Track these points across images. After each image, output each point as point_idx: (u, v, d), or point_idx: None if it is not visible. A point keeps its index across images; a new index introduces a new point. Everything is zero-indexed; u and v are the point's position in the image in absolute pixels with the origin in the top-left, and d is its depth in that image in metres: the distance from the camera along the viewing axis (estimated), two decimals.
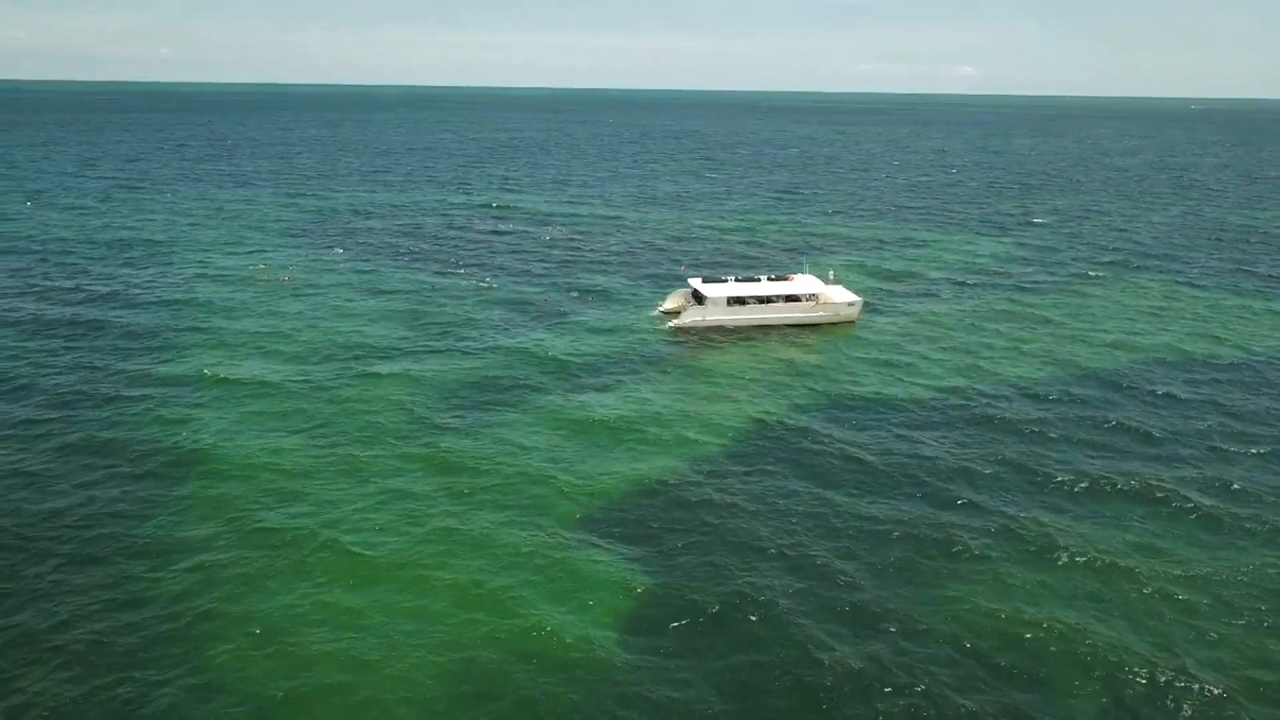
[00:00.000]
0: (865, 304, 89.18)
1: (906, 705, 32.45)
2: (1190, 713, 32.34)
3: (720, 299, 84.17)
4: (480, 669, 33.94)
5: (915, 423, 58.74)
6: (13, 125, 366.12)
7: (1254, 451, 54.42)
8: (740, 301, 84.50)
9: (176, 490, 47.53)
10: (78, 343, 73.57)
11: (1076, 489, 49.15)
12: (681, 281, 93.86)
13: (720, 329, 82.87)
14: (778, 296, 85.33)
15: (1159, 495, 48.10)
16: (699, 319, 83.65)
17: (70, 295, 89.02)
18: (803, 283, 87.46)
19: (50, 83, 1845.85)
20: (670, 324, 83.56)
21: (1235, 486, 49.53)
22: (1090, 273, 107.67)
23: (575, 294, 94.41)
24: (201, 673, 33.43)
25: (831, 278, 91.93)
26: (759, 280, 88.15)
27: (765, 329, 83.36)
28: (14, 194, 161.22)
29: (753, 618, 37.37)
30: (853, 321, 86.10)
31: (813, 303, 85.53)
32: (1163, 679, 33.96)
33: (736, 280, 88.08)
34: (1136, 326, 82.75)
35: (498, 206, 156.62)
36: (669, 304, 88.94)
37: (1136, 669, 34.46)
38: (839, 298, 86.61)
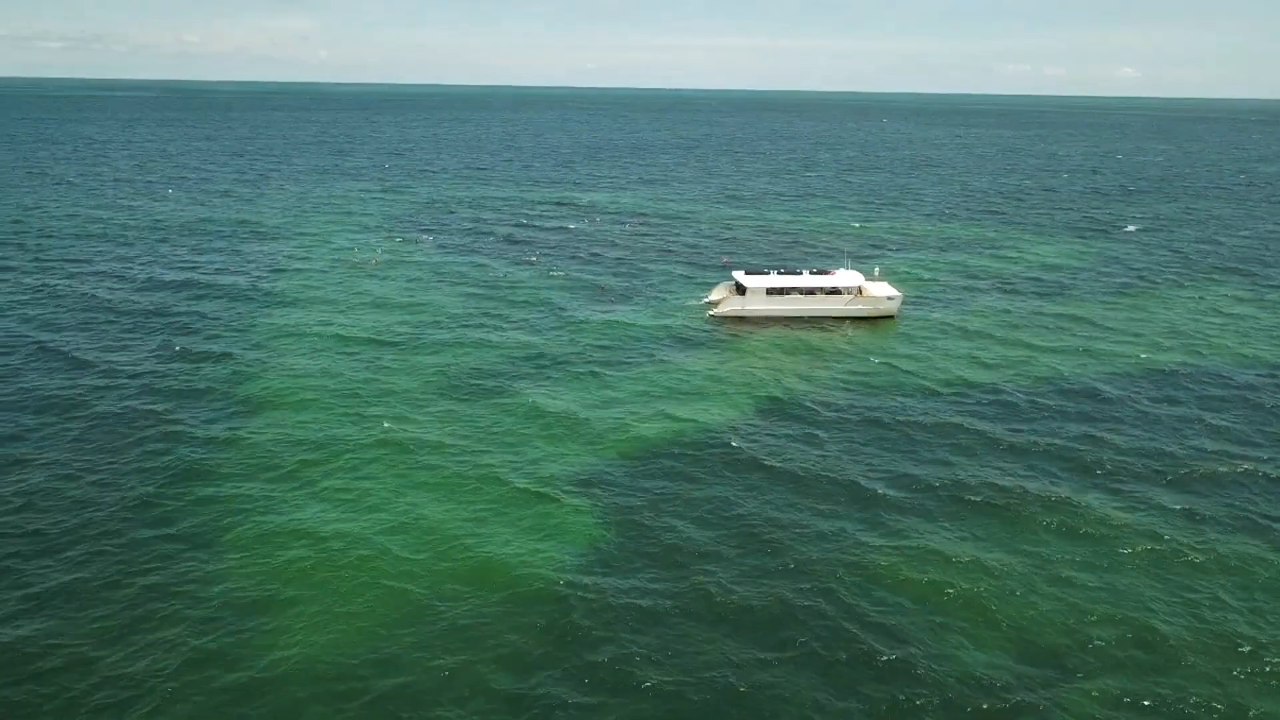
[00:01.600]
0: (906, 300, 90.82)
1: (793, 652, 36.36)
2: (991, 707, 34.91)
3: (759, 290, 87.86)
4: (415, 598, 39.63)
5: (880, 423, 60.64)
6: (178, 122, 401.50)
7: (1213, 473, 52.71)
8: (780, 293, 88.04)
9: (220, 432, 55.74)
10: (158, 317, 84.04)
11: (991, 499, 49.34)
12: (729, 274, 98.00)
13: (759, 319, 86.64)
14: (818, 289, 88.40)
15: (1070, 508, 48.22)
16: (738, 309, 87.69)
17: (167, 273, 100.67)
18: (842, 277, 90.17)
19: (219, 83, 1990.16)
20: (710, 313, 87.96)
21: (1170, 508, 48.68)
22: (1156, 281, 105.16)
23: (629, 285, 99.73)
24: (192, 582, 40.69)
25: (877, 274, 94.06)
26: (800, 274, 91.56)
27: (804, 320, 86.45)
28: (161, 182, 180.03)
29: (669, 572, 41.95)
30: (892, 316, 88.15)
31: (851, 296, 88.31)
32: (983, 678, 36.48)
33: (779, 274, 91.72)
34: (1165, 341, 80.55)
35: (583, 204, 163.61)
36: (714, 295, 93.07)
37: (966, 674, 36.57)
38: (878, 292, 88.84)
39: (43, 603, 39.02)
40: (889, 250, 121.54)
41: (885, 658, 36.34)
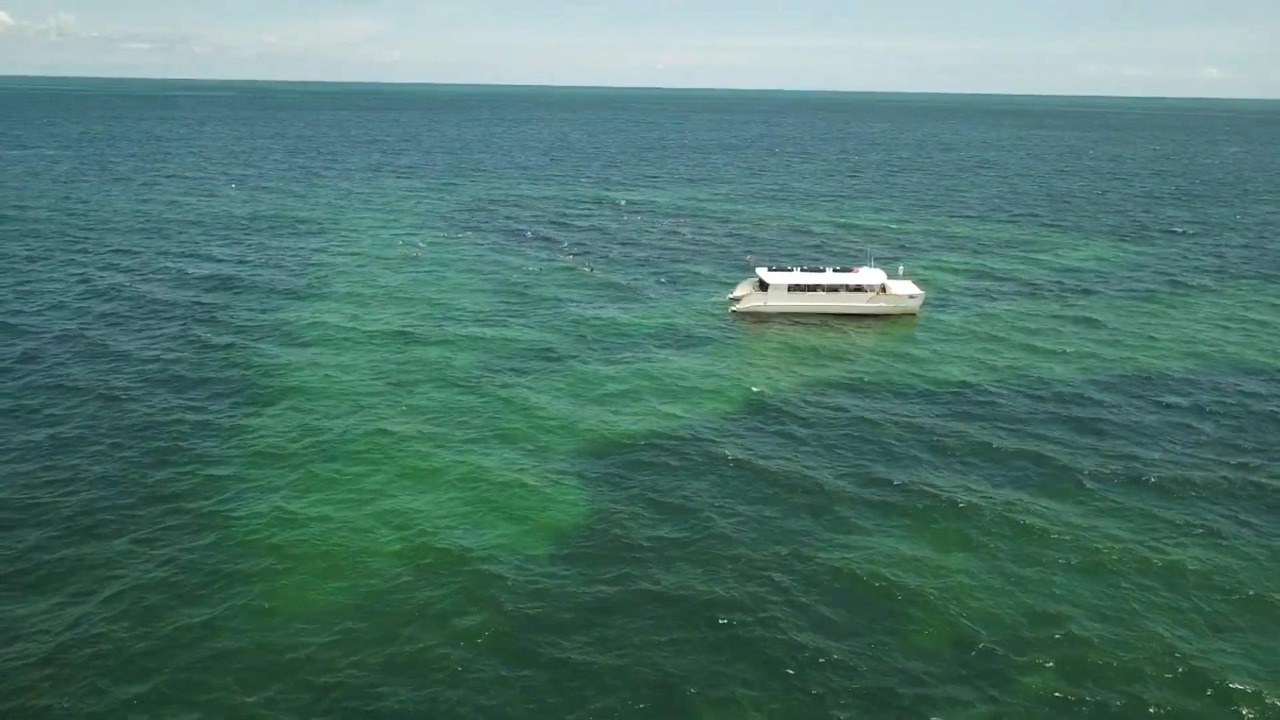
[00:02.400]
0: (930, 300, 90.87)
1: (732, 634, 37.78)
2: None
3: (781, 286, 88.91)
4: (382, 575, 41.76)
5: (866, 421, 60.94)
6: (247, 121, 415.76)
7: (1188, 480, 51.51)
8: (802, 289, 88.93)
9: (223, 416, 58.95)
10: (185, 306, 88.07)
11: (956, 499, 49.29)
12: (754, 272, 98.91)
13: (780, 315, 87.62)
14: (840, 286, 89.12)
15: (1035, 511, 48.18)
16: (759, 304, 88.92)
17: (204, 265, 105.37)
18: (864, 274, 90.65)
19: (295, 83, 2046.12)
20: (732, 309, 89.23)
21: (1137, 513, 48.06)
22: (1189, 286, 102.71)
23: (657, 280, 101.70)
24: (173, 551, 43.65)
25: (901, 272, 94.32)
26: (823, 271, 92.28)
27: (825, 317, 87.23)
28: (224, 178, 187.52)
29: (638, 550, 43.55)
30: (914, 314, 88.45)
31: (873, 294, 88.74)
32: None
33: (802, 270, 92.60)
34: (1178, 347, 78.50)
35: (624, 202, 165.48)
36: (738, 291, 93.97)
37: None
38: (900, 290, 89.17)
39: (30, 567, 42.15)
40: (922, 251, 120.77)
41: (821, 645, 37.18)
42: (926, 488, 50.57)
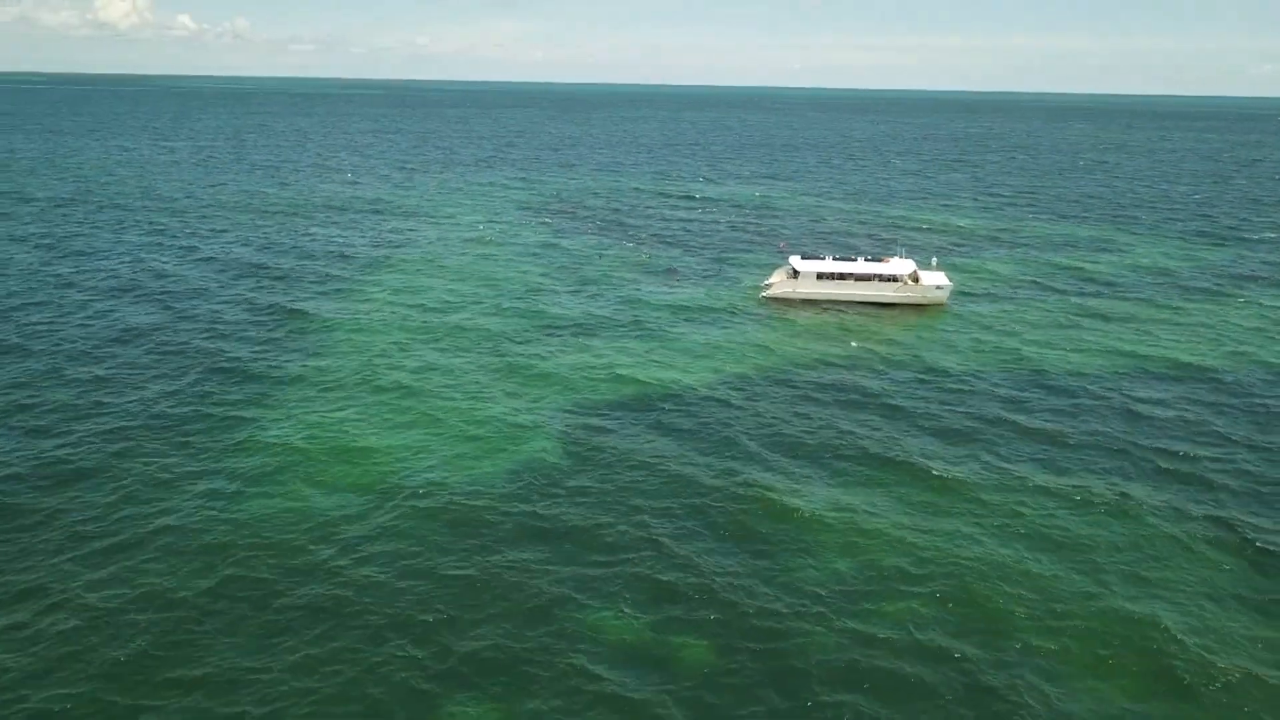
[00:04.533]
0: (965, 295, 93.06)
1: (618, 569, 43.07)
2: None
3: (810, 274, 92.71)
4: (342, 498, 48.87)
5: (812, 400, 64.41)
6: (380, 116, 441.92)
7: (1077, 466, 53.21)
8: (830, 277, 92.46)
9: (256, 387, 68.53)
10: (262, 279, 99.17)
11: (871, 469, 53.49)
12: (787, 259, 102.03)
13: (808, 302, 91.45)
14: (869, 275, 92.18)
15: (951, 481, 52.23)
16: (789, 291, 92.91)
17: (293, 240, 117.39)
18: (894, 264, 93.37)
19: (443, 82, 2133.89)
20: (762, 294, 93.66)
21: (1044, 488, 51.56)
22: (1238, 291, 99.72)
23: (706, 267, 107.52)
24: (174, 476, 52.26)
25: (934, 264, 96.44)
26: (854, 260, 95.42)
27: (853, 305, 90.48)
28: (338, 172, 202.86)
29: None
30: (941, 305, 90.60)
31: (901, 284, 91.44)
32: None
33: (834, 259, 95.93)
34: (1157, 353, 76.75)
35: (702, 196, 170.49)
36: (772, 279, 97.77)
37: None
38: (928, 281, 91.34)
39: (66, 472, 51.57)
40: (976, 248, 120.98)
41: (696, 580, 41.58)
42: (847, 459, 53.93)
